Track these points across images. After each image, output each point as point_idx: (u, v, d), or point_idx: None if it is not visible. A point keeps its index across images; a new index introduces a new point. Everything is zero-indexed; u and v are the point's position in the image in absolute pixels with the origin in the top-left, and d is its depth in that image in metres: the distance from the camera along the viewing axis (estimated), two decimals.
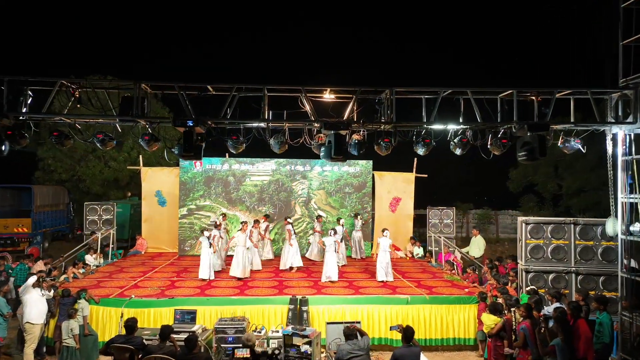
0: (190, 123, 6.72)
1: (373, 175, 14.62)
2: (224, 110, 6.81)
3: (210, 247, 10.40)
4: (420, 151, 7.90)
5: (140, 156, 15.03)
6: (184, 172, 13.94)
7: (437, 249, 14.34)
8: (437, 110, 6.99)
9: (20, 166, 22.35)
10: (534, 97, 6.88)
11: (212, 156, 14.22)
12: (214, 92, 7.22)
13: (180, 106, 6.82)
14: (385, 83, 6.91)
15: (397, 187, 15.04)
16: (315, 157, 14.66)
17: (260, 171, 14.38)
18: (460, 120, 7.49)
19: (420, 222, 17.45)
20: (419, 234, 17.93)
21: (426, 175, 15.12)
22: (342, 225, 12.32)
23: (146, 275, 10.76)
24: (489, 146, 7.82)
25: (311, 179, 14.51)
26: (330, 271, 10.21)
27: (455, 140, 7.76)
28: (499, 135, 7.68)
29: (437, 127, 7.42)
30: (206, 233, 10.52)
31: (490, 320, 6.98)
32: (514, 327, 6.95)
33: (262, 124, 7.74)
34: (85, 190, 22.02)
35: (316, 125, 7.53)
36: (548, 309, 7.06)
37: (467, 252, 12.64)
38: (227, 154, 14.56)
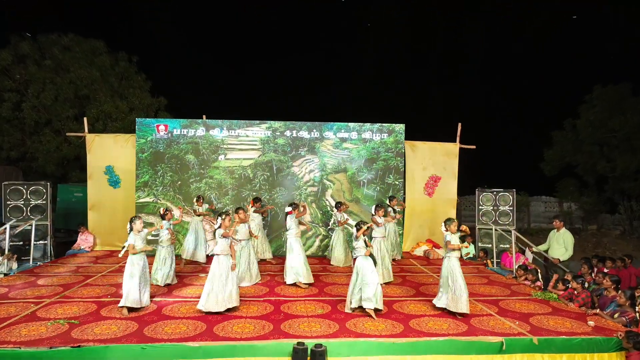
0: None
1: (404, 145, 10.63)
2: None
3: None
4: None
5: (85, 119, 10.90)
6: (139, 138, 9.92)
7: (489, 245, 10.56)
8: None
9: None
10: None
11: (184, 117, 10.22)
12: None
13: None
14: None
15: (436, 162, 11.10)
16: (327, 119, 10.42)
17: (244, 142, 9.93)
18: None
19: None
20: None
21: (474, 147, 11.18)
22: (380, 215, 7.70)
23: (66, 292, 6.83)
24: None
25: (323, 154, 10.10)
26: (369, 292, 5.74)
27: None
28: None
29: None
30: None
31: None
32: None
33: None
34: (40, 170, 17.98)
35: None
36: None
37: (546, 252, 8.76)
38: (203, 115, 10.56)
